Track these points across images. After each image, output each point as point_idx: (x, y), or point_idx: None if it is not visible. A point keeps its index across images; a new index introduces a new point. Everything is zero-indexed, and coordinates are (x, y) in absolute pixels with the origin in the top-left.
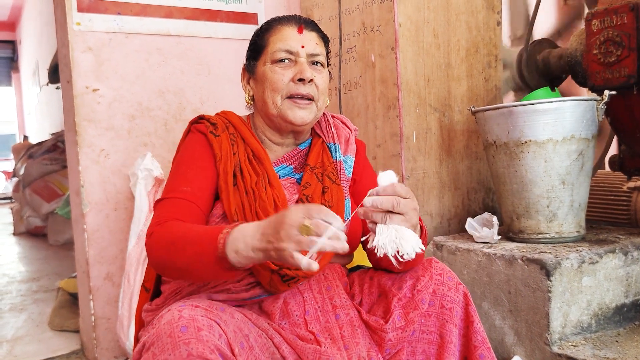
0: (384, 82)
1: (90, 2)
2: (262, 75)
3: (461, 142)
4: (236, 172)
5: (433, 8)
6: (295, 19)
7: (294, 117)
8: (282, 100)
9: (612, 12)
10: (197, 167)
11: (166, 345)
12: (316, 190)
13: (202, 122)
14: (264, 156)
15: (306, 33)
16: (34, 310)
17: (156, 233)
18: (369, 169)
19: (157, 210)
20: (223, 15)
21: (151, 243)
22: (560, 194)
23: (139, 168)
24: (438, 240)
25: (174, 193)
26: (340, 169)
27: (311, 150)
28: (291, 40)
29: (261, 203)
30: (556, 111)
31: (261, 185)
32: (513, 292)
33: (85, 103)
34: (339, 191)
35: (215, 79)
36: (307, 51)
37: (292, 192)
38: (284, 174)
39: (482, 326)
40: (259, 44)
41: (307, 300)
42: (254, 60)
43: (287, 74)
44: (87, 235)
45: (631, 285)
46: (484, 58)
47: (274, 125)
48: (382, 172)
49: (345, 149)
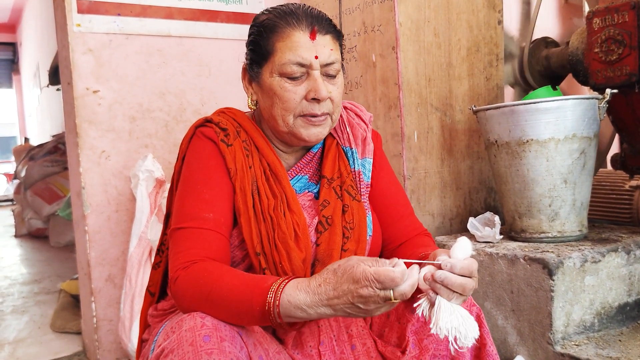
0: (385, 82)
1: (90, 4)
2: (269, 88)
3: (463, 142)
4: (253, 192)
5: (434, 7)
6: (306, 19)
7: (309, 135)
8: (294, 118)
9: (613, 10)
10: (213, 185)
11: (187, 354)
12: (336, 209)
13: (210, 126)
14: (281, 172)
15: (319, 38)
16: (36, 312)
17: (183, 280)
18: (385, 167)
19: (178, 244)
20: (223, 16)
21: (179, 292)
22: (562, 193)
23: (140, 169)
24: (440, 240)
25: (195, 222)
26: (359, 180)
27: (326, 156)
28: (303, 49)
29: (280, 234)
30: (558, 110)
31: (280, 210)
32: (515, 292)
33: (86, 105)
34: (360, 209)
35: (216, 80)
36: (321, 61)
37: (312, 214)
38: (301, 187)
39: (494, 348)
40: (263, 48)
41: (322, 329)
42: (257, 66)
43: (299, 91)
44: (88, 237)
45: (634, 284)
46: (485, 57)
47: (282, 139)
48: (458, 241)
49: (362, 150)
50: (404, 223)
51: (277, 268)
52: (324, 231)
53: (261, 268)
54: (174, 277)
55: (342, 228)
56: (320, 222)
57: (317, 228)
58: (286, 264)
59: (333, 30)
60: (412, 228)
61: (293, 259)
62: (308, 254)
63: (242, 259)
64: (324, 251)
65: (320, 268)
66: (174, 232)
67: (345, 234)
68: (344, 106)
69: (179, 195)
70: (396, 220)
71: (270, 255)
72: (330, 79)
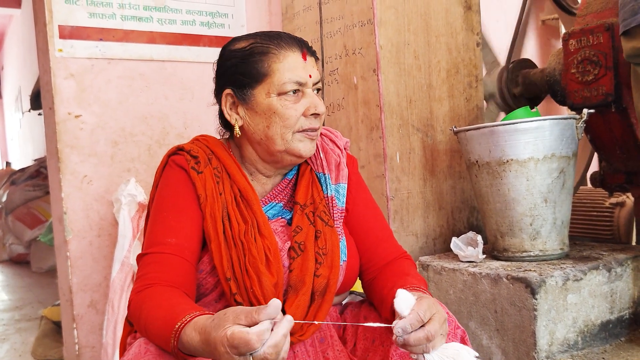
0: (367, 104)
1: (72, 29)
2: (268, 108)
3: (444, 162)
4: (223, 218)
5: (413, 30)
6: (295, 42)
7: (305, 150)
8: (292, 135)
9: (588, 32)
10: (180, 212)
11: None
12: (308, 235)
13: (182, 155)
14: (252, 197)
15: (309, 59)
16: (17, 339)
17: (134, 304)
18: (362, 192)
19: (140, 269)
20: (206, 40)
21: (130, 316)
22: (542, 211)
23: (123, 194)
24: (424, 261)
25: (157, 247)
26: (332, 206)
27: (299, 182)
28: (299, 70)
29: (251, 259)
30: (536, 130)
31: (250, 235)
32: (499, 311)
33: (68, 129)
34: (333, 235)
35: (199, 104)
36: (313, 80)
37: (284, 239)
38: (273, 214)
39: None
40: (256, 70)
41: (298, 354)
42: (249, 88)
43: (299, 109)
44: (70, 263)
45: (615, 301)
46: (464, 78)
47: (273, 160)
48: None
49: (336, 175)
50: (382, 247)
51: (249, 293)
52: (296, 257)
53: (232, 293)
54: (129, 301)
55: (314, 254)
56: (292, 247)
57: (289, 253)
58: (257, 289)
59: (314, 53)
60: (390, 251)
61: (264, 284)
62: (280, 278)
63: (214, 285)
64: (296, 277)
65: (293, 294)
66: (139, 258)
67: (318, 260)
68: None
69: (149, 222)
70: (374, 244)
71: (241, 281)
72: (319, 96)
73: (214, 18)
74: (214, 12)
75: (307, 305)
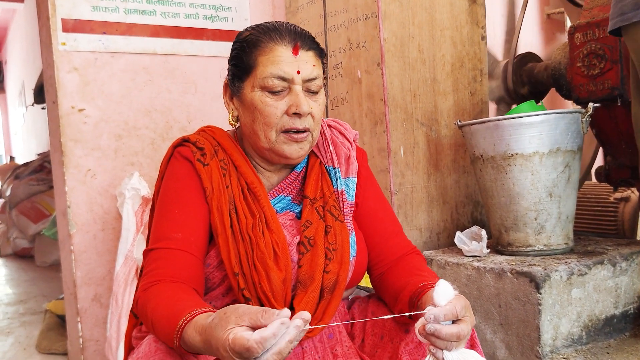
0: (371, 98)
1: (76, 22)
2: (250, 102)
3: (449, 156)
4: (230, 211)
5: (418, 24)
6: (289, 35)
7: (291, 152)
8: (276, 135)
9: (594, 25)
10: (185, 205)
11: None
12: (318, 230)
13: (187, 146)
14: (259, 191)
15: (302, 54)
16: (21, 333)
17: (142, 301)
18: (372, 186)
19: (146, 265)
20: (209, 34)
21: (139, 314)
22: (547, 206)
23: (126, 188)
24: (428, 255)
25: (163, 242)
26: (342, 200)
27: (309, 176)
28: (285, 64)
29: (259, 253)
30: (542, 124)
31: (258, 229)
32: (503, 306)
33: (71, 123)
34: (343, 230)
35: (202, 97)
36: (303, 77)
37: (293, 233)
38: (282, 207)
39: None
40: (245, 62)
41: (307, 350)
42: (239, 81)
43: (281, 106)
44: (74, 257)
45: (620, 296)
46: (469, 72)
47: (264, 156)
48: (437, 285)
49: (346, 169)
50: (392, 242)
51: (257, 288)
52: (306, 252)
53: (240, 288)
54: (136, 298)
55: (324, 249)
56: (301, 242)
57: (298, 248)
58: (265, 284)
59: (316, 47)
60: (400, 247)
61: (272, 279)
62: (288, 273)
63: (221, 279)
64: (305, 273)
65: (302, 290)
66: (145, 254)
67: (328, 255)
68: (328, 124)
69: (154, 216)
70: (384, 239)
71: (249, 276)
72: (311, 95)
73: (218, 11)
74: (218, 6)
75: (316, 302)
